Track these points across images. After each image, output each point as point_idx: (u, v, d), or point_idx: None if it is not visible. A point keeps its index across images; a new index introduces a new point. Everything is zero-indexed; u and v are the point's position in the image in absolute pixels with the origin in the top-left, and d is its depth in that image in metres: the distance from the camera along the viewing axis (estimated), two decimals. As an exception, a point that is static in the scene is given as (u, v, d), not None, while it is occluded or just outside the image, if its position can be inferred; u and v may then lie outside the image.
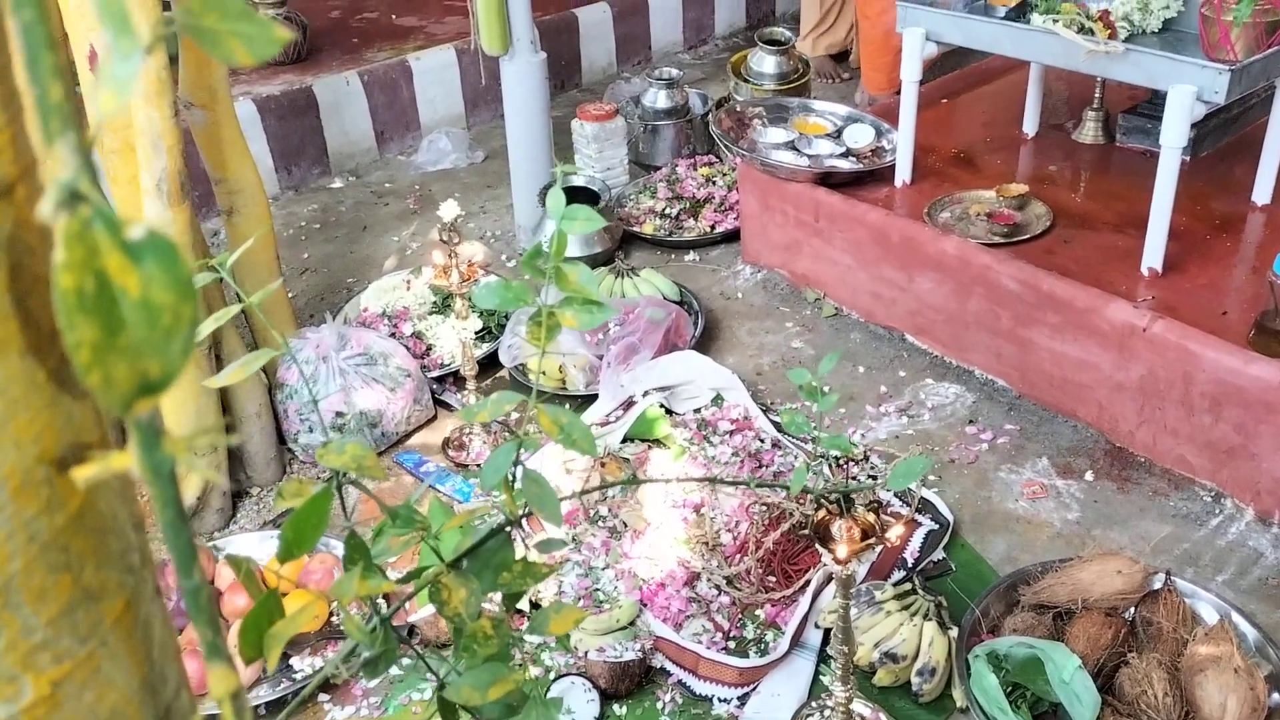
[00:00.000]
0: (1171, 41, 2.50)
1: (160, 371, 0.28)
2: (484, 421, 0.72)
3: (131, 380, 0.27)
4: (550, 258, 0.72)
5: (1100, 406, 2.43)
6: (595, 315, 0.70)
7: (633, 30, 4.67)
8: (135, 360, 0.27)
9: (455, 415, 2.72)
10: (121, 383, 0.27)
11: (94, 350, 0.26)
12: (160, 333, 0.27)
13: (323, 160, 3.87)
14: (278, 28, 0.31)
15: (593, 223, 0.75)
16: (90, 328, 0.26)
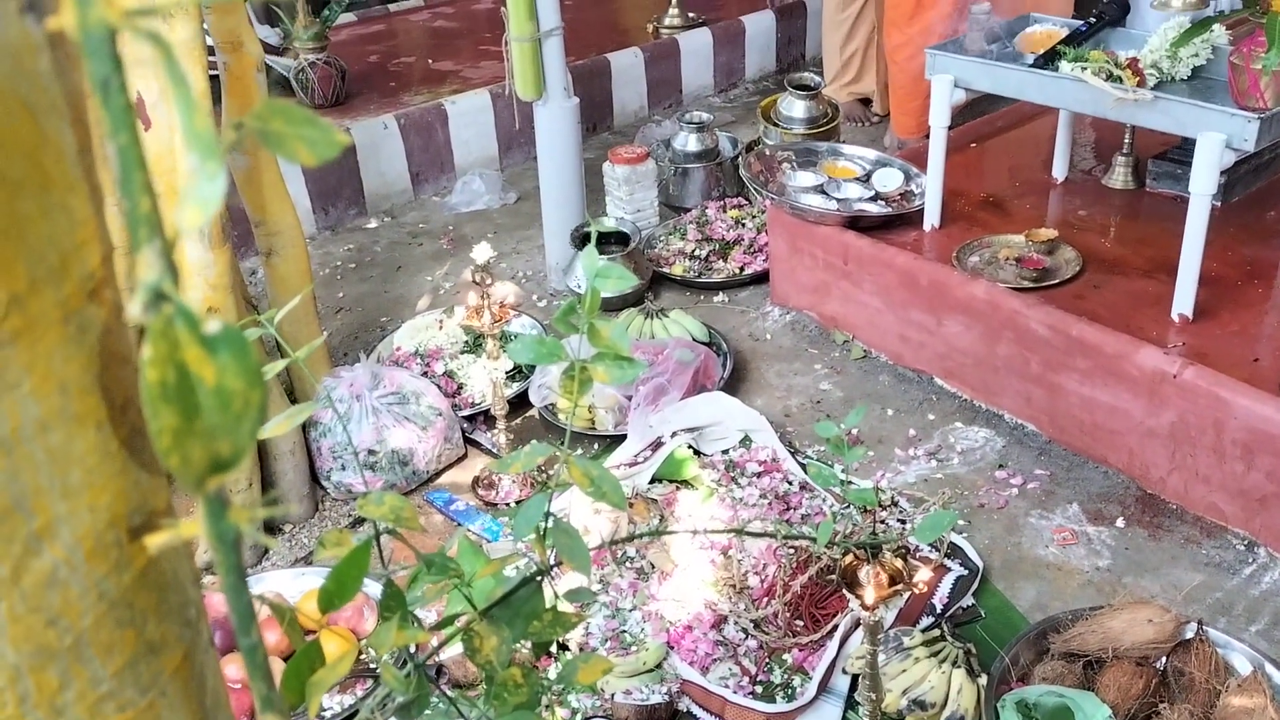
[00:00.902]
0: (1201, 89, 2.52)
1: (231, 451, 0.30)
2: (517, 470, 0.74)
3: (205, 460, 0.30)
4: (584, 314, 0.74)
5: (1131, 453, 2.42)
6: (627, 371, 0.73)
7: (664, 74, 4.73)
8: (209, 442, 0.29)
9: (485, 454, 2.75)
10: (197, 463, 0.29)
11: (174, 435, 0.29)
12: (232, 416, 0.30)
13: (359, 201, 3.95)
14: (337, 132, 0.34)
15: (624, 280, 0.77)
16: (171, 415, 0.29)
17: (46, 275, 0.33)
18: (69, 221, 0.34)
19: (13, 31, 0.31)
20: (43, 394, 0.34)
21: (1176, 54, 2.51)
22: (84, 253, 0.35)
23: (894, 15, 3.83)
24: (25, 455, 0.33)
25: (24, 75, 0.31)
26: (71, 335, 0.34)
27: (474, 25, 5.15)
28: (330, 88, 4.10)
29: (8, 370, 0.32)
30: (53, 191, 0.33)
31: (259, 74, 2.44)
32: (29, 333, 0.33)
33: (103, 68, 0.26)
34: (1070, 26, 2.78)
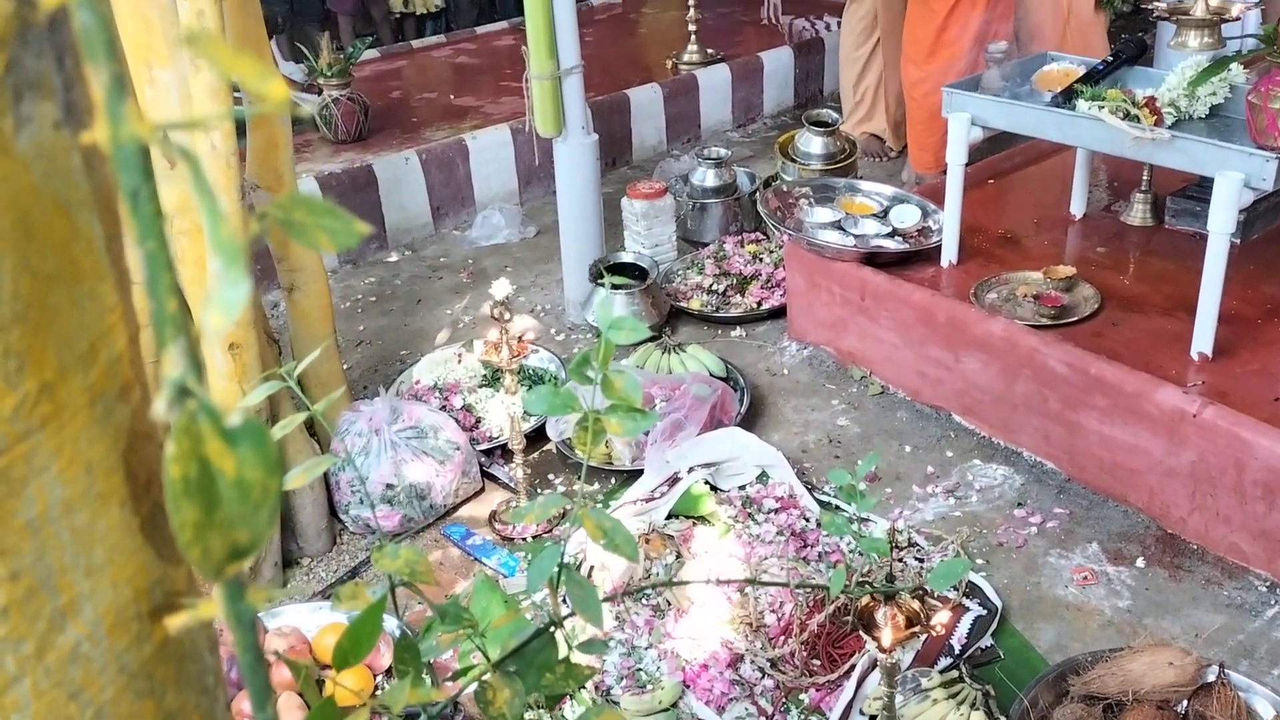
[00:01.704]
0: (1219, 127, 2.52)
1: (249, 540, 0.31)
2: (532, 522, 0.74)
3: (225, 549, 0.31)
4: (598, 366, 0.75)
5: (1151, 492, 2.41)
6: (639, 423, 0.73)
7: (683, 109, 4.77)
8: (229, 532, 0.30)
9: (502, 488, 2.76)
10: (216, 553, 0.30)
11: (195, 529, 0.30)
12: (251, 506, 0.31)
13: (380, 235, 3.99)
14: (357, 222, 0.35)
15: (637, 333, 0.78)
16: (193, 509, 0.30)
17: (76, 362, 0.34)
18: (98, 308, 0.35)
19: (48, 136, 0.32)
20: (69, 476, 0.35)
21: (1194, 93, 2.51)
22: (111, 337, 0.36)
23: (912, 52, 3.85)
24: (51, 535, 0.34)
25: (58, 173, 0.33)
26: (98, 417, 0.36)
27: (495, 61, 5.21)
28: (353, 123, 4.15)
29: (36, 455, 0.34)
30: (83, 281, 0.34)
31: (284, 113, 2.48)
32: (57, 418, 0.34)
33: (133, 180, 0.27)
34: (1087, 65, 2.79)
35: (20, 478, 0.33)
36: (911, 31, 3.84)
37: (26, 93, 0.31)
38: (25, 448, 0.33)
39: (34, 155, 0.32)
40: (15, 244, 0.31)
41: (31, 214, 0.32)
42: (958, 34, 3.68)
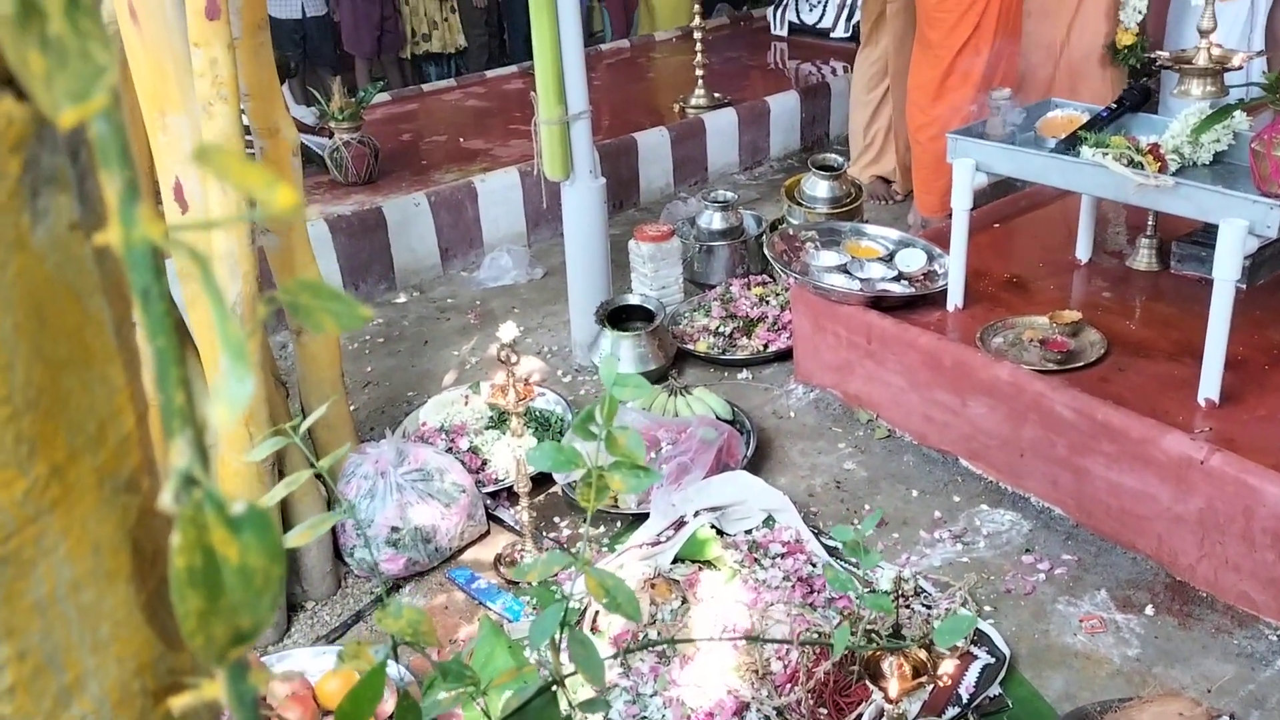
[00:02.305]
0: (1223, 174, 2.53)
1: (251, 625, 0.31)
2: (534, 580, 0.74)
3: (227, 636, 0.31)
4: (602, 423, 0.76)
5: (1159, 539, 2.39)
6: (642, 480, 0.74)
7: (690, 152, 4.81)
8: (232, 618, 0.31)
9: (508, 531, 2.75)
10: (219, 640, 0.31)
11: (199, 617, 0.30)
12: (253, 593, 0.31)
13: (389, 276, 4.01)
14: (361, 306, 0.36)
15: (641, 390, 0.79)
16: (197, 598, 0.30)
17: (85, 444, 0.35)
18: (107, 391, 0.36)
19: (64, 228, 0.33)
20: (77, 555, 0.35)
21: (1198, 140, 2.53)
22: (120, 418, 0.37)
23: (917, 96, 3.89)
24: (58, 614, 0.35)
25: (71, 262, 0.34)
26: (106, 497, 0.36)
27: (504, 105, 5.27)
28: (363, 166, 4.20)
29: (46, 536, 0.34)
30: (93, 365, 0.35)
31: (294, 158, 2.51)
32: (66, 499, 0.35)
33: (143, 279, 0.28)
34: (1091, 112, 2.81)
35: (29, 559, 0.34)
36: (916, 76, 3.88)
37: (43, 188, 0.32)
38: (35, 530, 0.34)
39: (49, 247, 0.33)
40: (30, 334, 0.32)
41: (45, 303, 0.33)
42: (962, 79, 3.72)
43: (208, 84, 2.09)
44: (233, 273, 2.19)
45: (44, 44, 0.25)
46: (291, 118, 2.58)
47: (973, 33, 3.65)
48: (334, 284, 3.71)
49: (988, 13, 3.64)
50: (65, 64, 0.25)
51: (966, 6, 3.62)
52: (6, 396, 0.32)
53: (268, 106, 2.42)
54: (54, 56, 0.25)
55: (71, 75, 0.25)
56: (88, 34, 0.25)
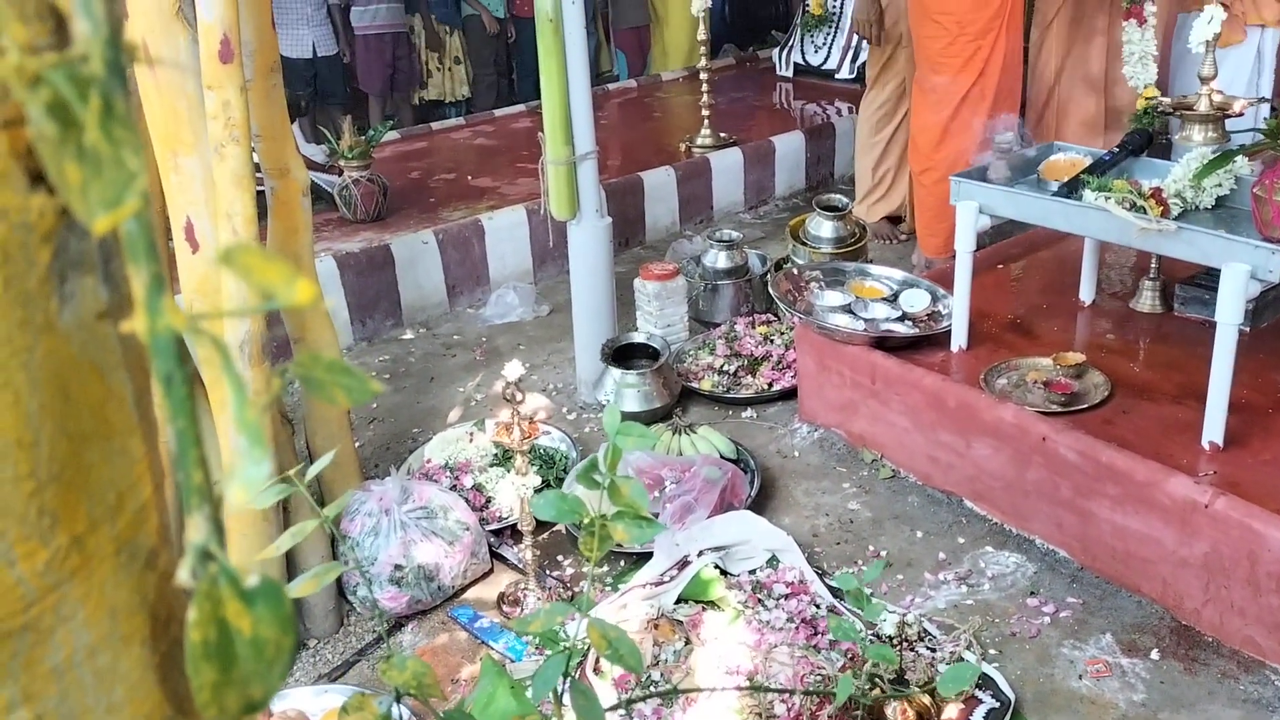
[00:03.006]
0: (1225, 219, 2.55)
1: (263, 694, 0.32)
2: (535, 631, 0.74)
3: (239, 705, 0.32)
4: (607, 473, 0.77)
5: (1164, 582, 2.39)
6: (645, 531, 0.75)
7: (695, 191, 4.85)
8: (244, 688, 0.32)
9: (511, 569, 2.75)
10: (232, 709, 0.32)
11: (213, 689, 0.31)
12: (265, 663, 0.32)
13: (396, 313, 4.04)
14: (372, 381, 0.37)
15: (645, 439, 0.80)
16: (211, 671, 0.31)
17: (104, 514, 0.36)
18: (127, 461, 0.37)
19: (89, 310, 0.34)
20: (94, 621, 0.36)
21: (1200, 184, 2.55)
22: (138, 487, 0.38)
23: (920, 141, 3.92)
24: (75, 679, 0.36)
25: (94, 341, 0.35)
26: (123, 564, 0.37)
27: (513, 143, 5.32)
28: (372, 204, 4.24)
29: (64, 604, 0.35)
30: (114, 438, 0.36)
31: (304, 198, 2.54)
32: (85, 568, 0.36)
33: (167, 365, 0.30)
34: (1093, 155, 2.83)
35: (48, 627, 0.35)
36: (919, 120, 3.91)
37: (70, 272, 0.34)
38: (54, 598, 0.35)
39: (74, 328, 0.34)
40: (55, 411, 0.33)
41: (70, 381, 0.34)
42: (966, 124, 3.75)
43: (220, 126, 2.12)
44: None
45: (80, 154, 0.26)
46: (301, 157, 2.61)
47: (977, 78, 3.69)
48: (341, 320, 3.74)
49: (992, 58, 3.67)
50: (100, 172, 0.26)
51: (971, 53, 3.66)
52: (31, 472, 0.33)
53: (279, 147, 2.46)
54: (90, 166, 0.26)
55: (106, 183, 0.26)
56: (121, 142, 0.27)
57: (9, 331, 0.31)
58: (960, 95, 3.72)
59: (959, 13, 3.65)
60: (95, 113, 0.26)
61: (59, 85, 0.26)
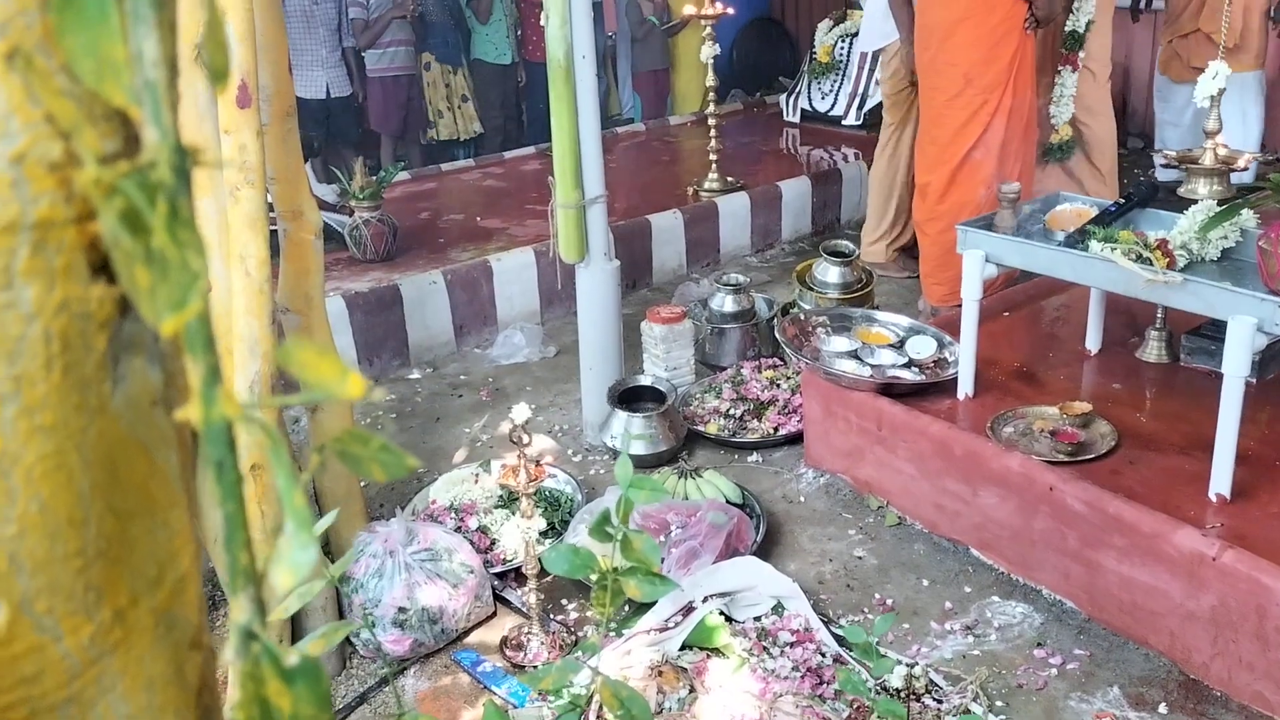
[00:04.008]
0: (1231, 270, 2.56)
1: (300, 770, 0.33)
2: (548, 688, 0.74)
3: (278, 780, 0.33)
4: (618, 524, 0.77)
5: (1172, 635, 2.37)
6: (658, 588, 0.75)
7: (702, 235, 4.88)
8: (282, 767, 0.33)
9: (515, 613, 2.74)
10: (270, 785, 0.33)
11: (254, 769, 0.32)
12: (304, 740, 0.33)
13: (403, 352, 4.05)
14: (408, 457, 0.38)
15: (657, 494, 0.80)
16: (254, 754, 0.32)
17: (145, 587, 0.37)
18: (168, 534, 0.38)
19: (139, 388, 0.36)
20: (133, 692, 0.37)
21: (1205, 236, 2.57)
22: (178, 559, 0.39)
23: (926, 191, 3.95)
24: (112, 750, 0.37)
25: (143, 419, 0.36)
26: (160, 635, 0.38)
27: (521, 185, 5.37)
28: (382, 244, 4.27)
29: (105, 676, 0.36)
30: (157, 512, 0.37)
31: (316, 240, 2.57)
32: (126, 640, 0.36)
33: (218, 452, 0.31)
34: (1099, 206, 2.85)
35: (90, 699, 0.35)
36: (924, 172, 3.94)
37: (122, 354, 0.35)
38: (96, 671, 0.35)
39: (125, 407, 0.35)
40: (104, 489, 0.34)
41: (119, 460, 0.35)
42: (970, 175, 3.78)
43: (235, 169, 2.15)
44: (252, 352, 2.22)
45: (149, 258, 0.27)
46: (314, 198, 2.64)
47: (983, 133, 3.72)
48: (348, 359, 3.76)
49: (999, 112, 3.70)
50: (167, 275, 0.27)
51: (977, 106, 3.69)
52: (80, 549, 0.34)
53: (292, 190, 2.49)
54: (157, 269, 0.27)
55: (172, 285, 0.27)
56: (186, 244, 0.28)
57: (65, 415, 0.33)
58: (967, 147, 3.74)
59: (966, 65, 3.68)
60: (163, 217, 0.27)
61: (131, 194, 0.27)
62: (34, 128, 0.29)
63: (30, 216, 0.30)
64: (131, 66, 0.26)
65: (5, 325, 0.30)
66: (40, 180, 0.29)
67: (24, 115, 0.29)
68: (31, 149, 0.29)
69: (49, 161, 0.29)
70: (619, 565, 0.75)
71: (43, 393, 0.32)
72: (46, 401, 0.32)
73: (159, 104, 0.27)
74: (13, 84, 0.28)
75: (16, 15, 0.28)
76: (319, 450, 0.37)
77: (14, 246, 0.30)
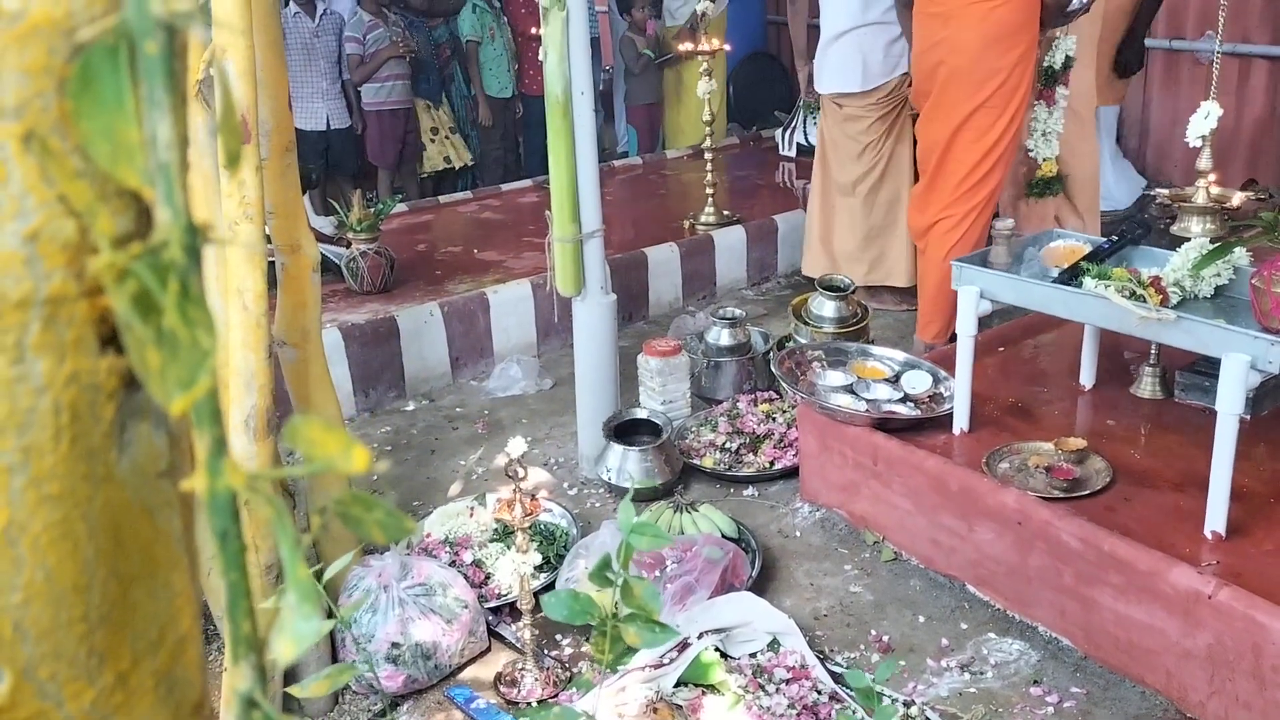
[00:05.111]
0: (1224, 308, 2.57)
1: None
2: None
3: None
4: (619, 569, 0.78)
5: (1169, 673, 2.36)
6: (658, 636, 0.75)
7: (699, 268, 4.90)
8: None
9: (509, 648, 2.72)
10: None
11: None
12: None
13: (399, 384, 4.05)
14: (407, 520, 0.38)
15: (660, 540, 0.81)
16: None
17: (146, 649, 0.37)
18: (169, 595, 0.38)
19: (144, 454, 0.36)
20: (133, 757, 0.37)
21: (1199, 273, 2.58)
22: (179, 620, 0.39)
23: (918, 231, 3.97)
24: (111, 815, 0.37)
25: (147, 484, 0.37)
26: (162, 697, 0.38)
27: (519, 217, 5.39)
28: (379, 276, 4.28)
29: (107, 741, 0.36)
30: (159, 574, 0.38)
31: (314, 273, 2.58)
32: (127, 703, 0.37)
33: (223, 522, 0.31)
34: (1092, 243, 2.87)
35: (90, 764, 0.36)
36: (916, 219, 3.97)
37: (128, 421, 0.35)
38: (97, 736, 0.36)
39: (130, 473, 0.36)
40: (108, 555, 0.35)
41: (123, 525, 0.35)
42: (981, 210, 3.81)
43: (235, 204, 2.16)
44: (248, 387, 2.22)
45: (159, 338, 0.28)
46: (312, 231, 2.65)
47: (995, 165, 3.77)
48: (344, 391, 3.75)
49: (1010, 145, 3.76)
50: (177, 355, 0.28)
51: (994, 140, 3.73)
52: (84, 615, 0.34)
53: (291, 224, 2.50)
54: (168, 349, 0.28)
55: (182, 365, 0.28)
56: (195, 322, 0.28)
57: (73, 485, 0.33)
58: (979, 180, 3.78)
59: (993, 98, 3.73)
60: (174, 297, 0.28)
61: (143, 276, 0.27)
62: (47, 206, 0.29)
63: (43, 292, 0.30)
64: (145, 149, 0.27)
65: (16, 398, 0.31)
66: (53, 257, 0.30)
67: (38, 195, 0.29)
68: (45, 227, 0.30)
69: (62, 239, 0.30)
70: (619, 611, 0.75)
71: (51, 463, 0.32)
72: (54, 472, 0.32)
73: (172, 185, 0.27)
74: (28, 165, 0.29)
75: (33, 98, 0.29)
76: (320, 512, 0.37)
77: (26, 322, 0.30)
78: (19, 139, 0.28)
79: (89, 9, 0.28)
